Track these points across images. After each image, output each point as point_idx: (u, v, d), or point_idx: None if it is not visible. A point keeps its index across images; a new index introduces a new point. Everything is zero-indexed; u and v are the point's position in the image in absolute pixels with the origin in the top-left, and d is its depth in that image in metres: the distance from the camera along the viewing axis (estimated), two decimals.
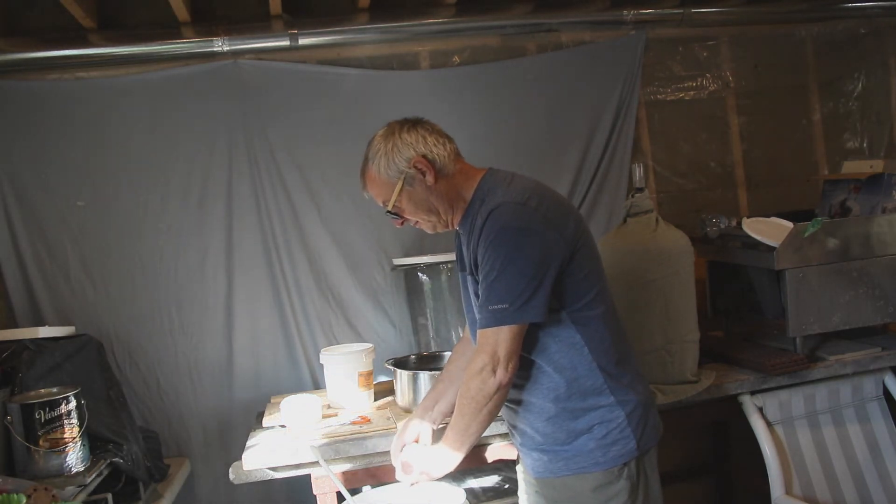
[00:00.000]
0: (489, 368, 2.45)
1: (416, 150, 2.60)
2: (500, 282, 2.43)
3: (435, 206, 2.67)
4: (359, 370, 3.67)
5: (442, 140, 2.65)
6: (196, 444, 4.18)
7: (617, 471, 2.56)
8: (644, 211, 3.75)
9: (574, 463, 2.58)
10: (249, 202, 4.18)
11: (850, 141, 5.04)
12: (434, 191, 2.63)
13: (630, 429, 2.56)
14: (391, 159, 2.62)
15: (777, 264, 3.78)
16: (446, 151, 2.63)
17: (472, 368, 2.50)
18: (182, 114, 4.13)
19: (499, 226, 2.46)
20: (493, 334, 2.46)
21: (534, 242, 2.45)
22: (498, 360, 2.45)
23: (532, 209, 2.49)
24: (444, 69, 4.44)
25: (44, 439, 3.11)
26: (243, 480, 3.30)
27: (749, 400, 3.83)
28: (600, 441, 2.56)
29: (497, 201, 2.51)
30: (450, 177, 2.65)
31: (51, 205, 4.03)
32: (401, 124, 2.68)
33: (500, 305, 2.43)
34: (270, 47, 4.18)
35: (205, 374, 4.17)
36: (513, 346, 2.47)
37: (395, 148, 2.61)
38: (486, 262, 2.47)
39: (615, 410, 2.56)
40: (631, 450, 2.57)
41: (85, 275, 4.06)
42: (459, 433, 2.59)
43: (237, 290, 4.19)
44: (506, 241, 2.44)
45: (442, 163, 2.62)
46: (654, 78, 4.73)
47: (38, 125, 4.00)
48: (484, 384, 2.47)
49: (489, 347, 2.46)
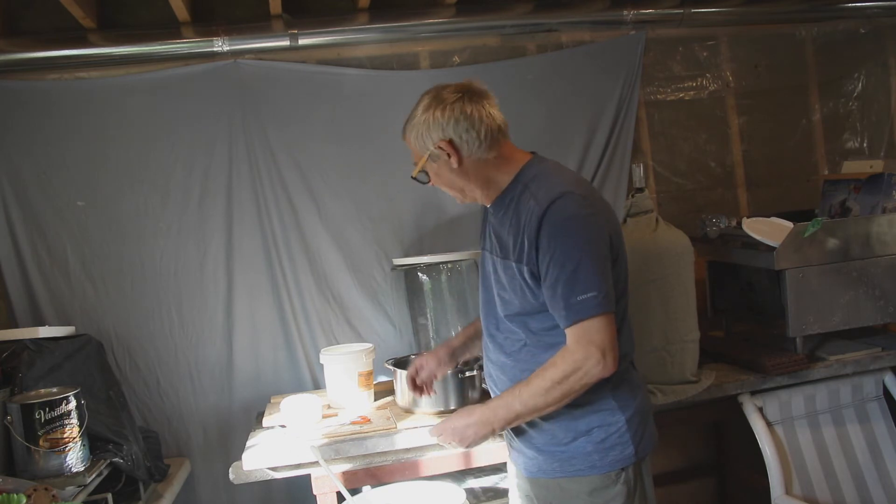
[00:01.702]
0: (596, 358, 2.38)
1: (444, 134, 2.55)
2: (582, 271, 2.38)
3: (459, 185, 2.66)
4: (359, 370, 3.69)
5: (479, 125, 2.54)
6: (196, 444, 4.17)
7: (614, 475, 2.54)
8: (644, 211, 3.76)
9: (570, 465, 2.57)
10: (249, 202, 4.18)
11: (850, 141, 5.04)
12: (459, 172, 2.61)
13: (629, 434, 2.55)
14: (421, 133, 2.60)
15: (777, 264, 3.79)
16: (479, 139, 2.54)
17: (572, 357, 2.41)
18: (182, 114, 4.12)
19: (567, 215, 2.41)
20: (590, 325, 2.38)
21: (600, 236, 2.44)
22: (605, 350, 2.38)
23: (592, 203, 2.48)
24: (444, 69, 4.43)
25: (44, 439, 3.10)
26: (243, 480, 3.31)
27: (749, 400, 3.85)
28: (598, 444, 2.54)
29: (557, 190, 2.46)
30: (480, 161, 2.59)
31: (51, 205, 4.02)
32: (443, 98, 2.58)
33: (589, 294, 2.37)
34: (270, 47, 4.18)
35: (205, 374, 4.16)
36: (612, 334, 2.40)
37: (427, 124, 2.57)
38: (559, 255, 2.40)
39: (616, 415, 2.55)
40: (629, 455, 2.55)
41: (85, 275, 4.06)
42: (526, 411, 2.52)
43: (237, 289, 4.18)
44: (577, 231, 2.41)
45: (469, 150, 2.56)
46: (654, 78, 4.73)
47: (38, 125, 4.00)
48: (587, 374, 2.40)
49: (592, 337, 2.39)
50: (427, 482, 3.29)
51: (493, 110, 2.59)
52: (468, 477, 3.84)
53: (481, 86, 2.63)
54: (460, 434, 2.63)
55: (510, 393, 2.55)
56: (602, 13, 4.52)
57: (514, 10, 4.40)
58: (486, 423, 2.58)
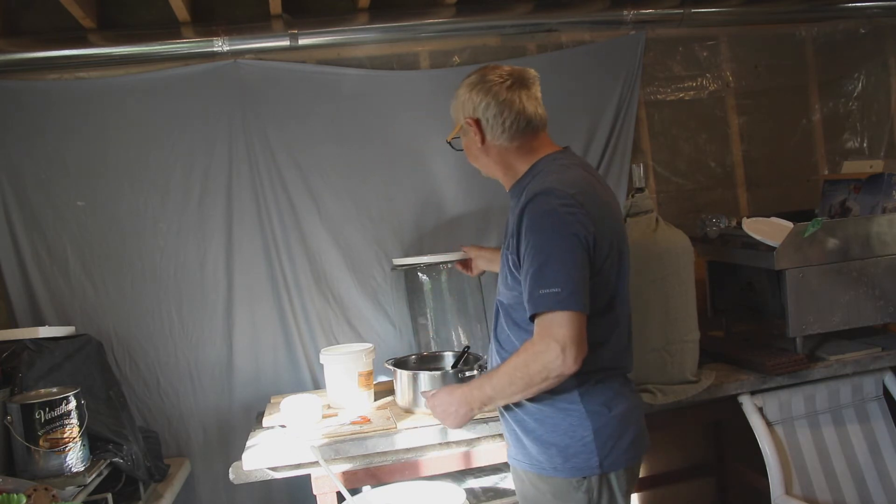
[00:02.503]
0: (555, 352, 2.36)
1: (475, 113, 2.66)
2: (550, 266, 2.39)
3: (481, 161, 2.78)
4: (359, 370, 3.69)
5: (506, 114, 2.62)
6: (196, 444, 4.17)
7: (576, 482, 2.53)
8: (644, 211, 3.75)
9: (536, 461, 2.59)
10: (249, 202, 4.17)
11: (850, 141, 5.04)
12: (482, 150, 2.72)
13: (595, 445, 2.52)
14: (459, 104, 2.73)
15: (777, 264, 3.78)
16: (503, 126, 2.63)
17: (532, 348, 2.43)
18: (182, 114, 4.12)
19: (540, 211, 2.45)
20: (551, 319, 2.38)
21: (573, 234, 2.42)
22: (564, 345, 2.36)
23: (578, 202, 2.46)
24: (444, 69, 4.43)
25: (44, 439, 3.11)
26: (243, 480, 3.31)
27: (749, 400, 3.84)
28: (562, 449, 2.54)
29: (545, 186, 2.49)
30: (503, 148, 2.68)
31: (51, 205, 4.02)
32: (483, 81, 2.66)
33: (552, 289, 2.37)
34: (270, 47, 4.18)
35: (205, 374, 4.16)
36: (575, 332, 2.37)
37: (463, 99, 2.70)
38: (530, 248, 2.44)
39: (584, 422, 2.53)
40: (592, 466, 2.52)
41: (85, 275, 4.06)
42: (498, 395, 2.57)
43: (237, 289, 4.18)
44: (547, 227, 2.43)
45: (493, 135, 2.66)
46: (654, 78, 4.73)
47: (38, 125, 4.00)
48: (546, 367, 2.40)
49: (551, 331, 2.38)
50: (427, 482, 3.29)
51: (529, 102, 2.66)
52: (468, 477, 3.84)
53: (530, 75, 2.71)
54: (443, 412, 2.72)
55: (487, 375, 2.61)
56: (602, 13, 4.52)
57: (514, 10, 4.40)
58: (463, 402, 2.66)
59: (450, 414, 2.70)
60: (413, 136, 4.28)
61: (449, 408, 2.70)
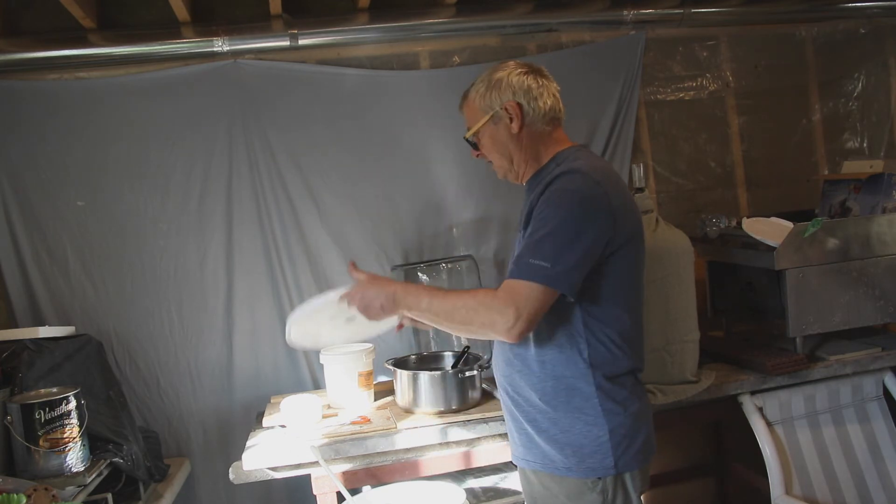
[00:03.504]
0: (509, 317, 2.36)
1: (515, 96, 2.63)
2: (550, 240, 2.38)
3: (510, 153, 2.70)
4: (359, 370, 3.70)
5: (545, 97, 2.66)
6: (196, 444, 4.17)
7: (591, 483, 2.53)
8: (644, 211, 3.73)
9: (549, 461, 2.58)
10: (249, 202, 4.17)
11: (850, 141, 5.03)
12: (515, 139, 2.67)
13: (610, 445, 2.51)
14: (490, 93, 2.67)
15: (777, 264, 3.78)
16: (545, 109, 2.65)
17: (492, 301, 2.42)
18: (182, 114, 4.12)
19: (567, 187, 2.45)
20: (525, 287, 2.37)
21: (592, 218, 2.42)
22: (520, 316, 2.36)
23: (603, 191, 2.46)
24: (444, 69, 4.43)
25: (44, 439, 3.11)
26: (243, 480, 3.32)
27: (749, 400, 3.84)
28: (577, 449, 2.53)
29: (574, 166, 2.51)
30: (535, 134, 2.67)
31: (51, 205, 4.02)
32: (517, 65, 2.70)
33: (542, 262, 2.36)
34: (270, 47, 4.18)
35: (205, 374, 4.16)
36: (538, 310, 2.39)
37: (498, 85, 2.65)
38: (541, 218, 2.44)
39: (599, 422, 2.52)
40: (607, 466, 2.52)
41: (85, 275, 4.06)
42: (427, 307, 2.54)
43: (237, 289, 4.17)
44: (569, 203, 2.43)
45: (533, 117, 2.65)
46: (654, 78, 4.72)
47: (38, 125, 3.99)
48: (493, 324, 2.40)
49: (518, 298, 2.37)
50: (427, 482, 3.29)
51: (556, 94, 2.71)
52: (468, 477, 3.84)
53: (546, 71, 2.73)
54: (367, 302, 2.61)
55: (429, 290, 2.61)
56: (602, 13, 4.52)
57: (514, 10, 4.39)
58: (394, 301, 2.58)
59: (372, 308, 2.60)
60: (413, 136, 4.28)
61: (375, 301, 2.59)
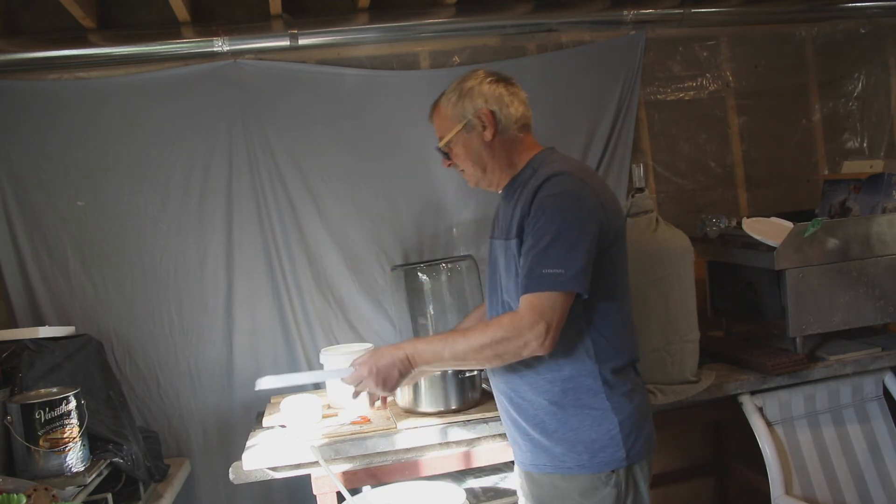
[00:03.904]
0: (540, 330, 2.37)
1: (488, 104, 2.64)
2: (557, 246, 2.40)
3: (483, 160, 2.70)
4: None
5: (517, 105, 2.68)
6: (196, 444, 4.16)
7: (604, 477, 2.53)
8: (644, 211, 3.75)
9: (560, 461, 2.57)
10: (249, 202, 4.17)
11: (850, 141, 5.02)
12: (487, 147, 2.67)
13: (621, 437, 2.53)
14: (461, 102, 2.67)
15: (777, 264, 3.78)
16: (517, 115, 2.67)
17: (520, 322, 2.41)
18: (182, 114, 4.11)
19: (558, 190, 2.46)
20: (546, 298, 2.38)
21: (588, 216, 2.45)
22: (550, 326, 2.38)
23: (591, 188, 2.50)
24: (444, 69, 4.42)
25: (44, 439, 3.10)
26: (243, 480, 3.31)
27: (749, 400, 3.83)
28: (589, 444, 2.53)
29: (557, 169, 2.52)
30: (508, 141, 2.68)
31: (51, 205, 4.02)
32: (486, 74, 2.72)
33: (555, 270, 2.37)
34: (270, 47, 4.17)
35: (205, 374, 4.15)
36: (563, 315, 2.41)
37: (470, 93, 2.66)
38: (541, 226, 2.44)
39: (608, 416, 2.53)
40: (619, 458, 2.53)
41: (85, 275, 4.05)
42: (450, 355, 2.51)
43: (237, 289, 4.17)
44: (564, 207, 2.44)
45: (506, 124, 2.65)
46: (654, 78, 4.72)
47: (38, 125, 3.99)
48: (526, 345, 2.40)
49: (544, 311, 2.38)
50: (427, 482, 3.29)
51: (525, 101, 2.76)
52: (468, 477, 3.84)
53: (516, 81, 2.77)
54: (384, 376, 2.58)
55: (442, 339, 2.56)
56: (602, 13, 4.51)
57: (514, 10, 4.39)
58: (410, 362, 2.56)
59: (392, 378, 2.58)
60: (413, 136, 4.25)
61: (392, 371, 2.57)
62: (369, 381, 2.61)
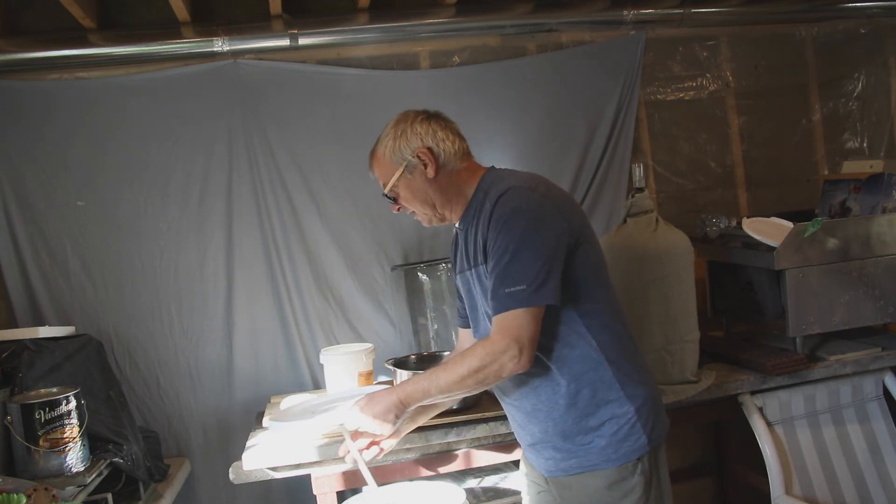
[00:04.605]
0: (514, 352, 2.37)
1: (423, 142, 2.62)
2: (515, 263, 2.39)
3: (431, 198, 2.68)
4: (359, 370, 3.66)
5: (452, 137, 2.67)
6: (196, 444, 4.16)
7: (631, 466, 2.53)
8: (644, 211, 3.74)
9: (587, 460, 2.56)
10: (249, 202, 4.16)
11: (850, 141, 5.01)
12: (433, 184, 2.65)
13: (640, 423, 2.53)
14: (398, 145, 2.65)
15: (777, 264, 3.77)
16: (454, 148, 2.65)
17: (491, 347, 2.40)
18: (182, 114, 4.11)
19: (510, 207, 2.45)
20: (514, 317, 2.38)
21: (546, 226, 2.43)
22: (523, 345, 2.37)
23: (541, 195, 2.50)
24: (444, 69, 4.42)
25: (44, 439, 3.10)
26: (243, 480, 3.30)
27: (749, 400, 3.82)
28: (611, 438, 2.53)
29: (505, 186, 2.51)
30: (452, 173, 2.66)
31: (51, 205, 4.01)
32: (416, 114, 2.70)
33: (517, 287, 2.37)
34: (270, 47, 4.16)
35: (205, 374, 4.15)
36: (534, 331, 2.40)
37: (404, 135, 2.64)
38: (499, 246, 2.44)
39: (625, 405, 2.53)
40: (642, 445, 2.53)
41: (85, 275, 4.04)
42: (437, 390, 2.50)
43: (237, 289, 4.16)
44: (519, 222, 2.43)
45: (446, 158, 2.64)
46: (654, 78, 4.71)
47: (38, 125, 3.98)
48: (503, 368, 2.39)
49: (512, 331, 2.38)
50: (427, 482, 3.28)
51: (459, 132, 2.72)
52: (468, 477, 3.83)
53: None
54: (381, 420, 2.56)
55: (427, 377, 2.54)
56: (602, 13, 4.50)
57: (514, 10, 4.37)
58: (403, 405, 2.54)
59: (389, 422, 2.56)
60: None
61: (388, 416, 2.55)
62: (370, 426, 2.60)
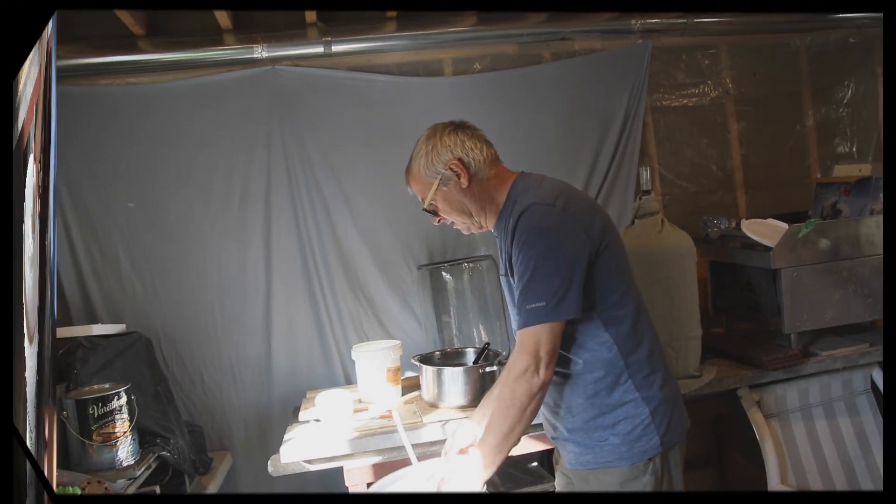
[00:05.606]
0: (532, 369, 2.32)
1: (454, 153, 2.55)
2: (535, 281, 2.33)
3: (467, 207, 2.60)
4: (387, 366, 3.56)
5: (480, 145, 2.59)
6: (237, 437, 4.04)
7: (643, 466, 2.45)
8: (650, 213, 3.69)
9: (601, 457, 2.49)
10: (286, 204, 4.01)
11: (841, 146, 4.87)
12: (467, 193, 2.57)
13: (654, 425, 2.45)
14: (430, 160, 2.58)
15: (773, 264, 3.69)
16: (483, 156, 2.57)
17: (515, 370, 2.35)
18: (225, 118, 3.96)
19: (530, 226, 2.38)
20: (532, 333, 2.33)
21: (564, 241, 2.37)
22: (540, 360, 2.32)
23: (560, 209, 2.41)
24: (467, 76, 4.27)
25: (97, 434, 3.03)
26: (281, 473, 3.21)
27: (748, 394, 3.75)
28: (625, 437, 2.45)
29: (527, 202, 2.43)
30: (484, 180, 2.58)
31: (103, 206, 3.87)
32: (444, 126, 2.62)
33: (537, 304, 2.32)
34: (306, 54, 4.01)
35: (245, 371, 4.02)
36: (553, 344, 2.35)
37: (435, 150, 2.57)
38: (521, 263, 2.38)
39: (640, 407, 2.45)
40: (654, 446, 2.45)
41: (135, 274, 3.91)
42: (502, 437, 2.40)
43: (275, 289, 4.02)
44: (537, 241, 2.36)
45: (477, 167, 2.56)
46: (660, 85, 4.56)
47: (91, 129, 3.84)
48: (529, 385, 2.33)
49: (531, 347, 2.33)
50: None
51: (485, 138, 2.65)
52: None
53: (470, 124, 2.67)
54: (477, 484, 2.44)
55: (487, 432, 2.45)
56: (611, 22, 4.35)
57: (529, 19, 4.23)
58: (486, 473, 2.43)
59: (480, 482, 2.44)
60: None
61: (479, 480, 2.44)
62: None
